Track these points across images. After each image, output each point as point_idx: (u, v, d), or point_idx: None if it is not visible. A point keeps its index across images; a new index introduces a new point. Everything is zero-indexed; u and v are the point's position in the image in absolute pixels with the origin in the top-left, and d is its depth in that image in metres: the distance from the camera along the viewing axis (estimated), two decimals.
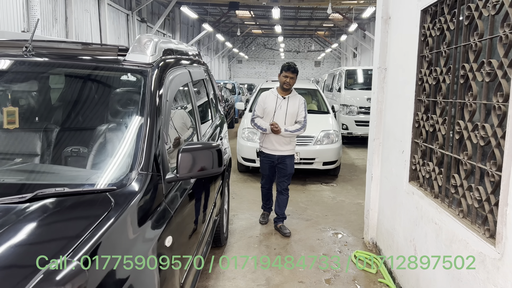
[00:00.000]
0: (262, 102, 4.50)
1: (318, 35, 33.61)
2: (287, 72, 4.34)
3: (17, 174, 1.80)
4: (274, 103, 4.43)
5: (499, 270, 1.85)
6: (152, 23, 16.48)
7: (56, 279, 0.98)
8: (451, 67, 2.55)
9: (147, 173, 1.80)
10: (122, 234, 1.46)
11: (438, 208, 2.59)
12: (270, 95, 4.50)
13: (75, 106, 2.20)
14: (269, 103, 4.45)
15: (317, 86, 9.46)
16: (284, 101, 4.44)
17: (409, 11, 3.33)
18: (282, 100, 4.44)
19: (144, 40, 2.45)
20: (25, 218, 1.36)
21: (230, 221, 4.95)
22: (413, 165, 3.20)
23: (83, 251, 1.22)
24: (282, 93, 4.46)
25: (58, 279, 0.98)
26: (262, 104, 4.49)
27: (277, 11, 15.73)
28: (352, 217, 5.28)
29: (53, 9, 8.82)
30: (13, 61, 2.21)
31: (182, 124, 2.70)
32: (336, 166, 7.22)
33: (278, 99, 4.45)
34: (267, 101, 4.46)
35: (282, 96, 4.45)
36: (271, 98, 4.47)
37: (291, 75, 4.35)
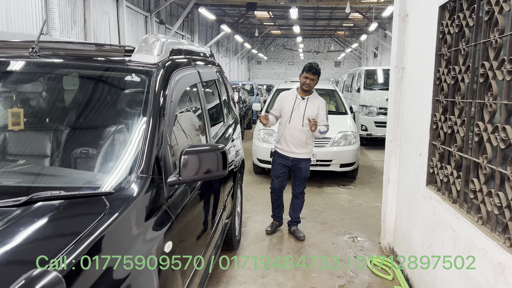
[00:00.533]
0: (280, 101, 4.35)
1: (338, 35, 33.29)
2: (308, 73, 4.18)
3: (15, 176, 1.78)
4: (292, 103, 4.26)
5: None
6: (170, 24, 16.59)
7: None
8: (470, 65, 2.42)
9: (147, 176, 1.74)
10: (115, 239, 1.40)
11: (456, 214, 2.47)
12: (289, 95, 4.34)
13: (78, 107, 2.17)
14: (287, 102, 4.29)
15: (335, 86, 9.31)
16: (303, 102, 4.26)
17: (427, 7, 3.20)
18: (301, 100, 4.26)
19: (151, 40, 2.40)
20: (16, 222, 1.33)
21: (243, 224, 4.89)
22: (431, 168, 3.06)
23: (69, 259, 1.17)
24: (302, 93, 4.29)
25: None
26: (280, 103, 4.33)
27: (295, 11, 15.59)
28: (369, 221, 5.14)
29: (72, 11, 8.95)
30: (19, 62, 2.20)
31: (189, 126, 2.64)
32: (354, 168, 7.07)
33: (297, 99, 4.27)
34: (285, 101, 4.31)
35: (301, 97, 4.28)
36: (289, 98, 4.30)
37: (311, 77, 4.17)
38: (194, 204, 2.24)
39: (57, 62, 2.24)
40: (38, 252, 1.19)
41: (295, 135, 4.22)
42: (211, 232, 2.67)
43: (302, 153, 4.29)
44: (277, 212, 4.62)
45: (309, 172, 4.42)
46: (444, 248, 2.63)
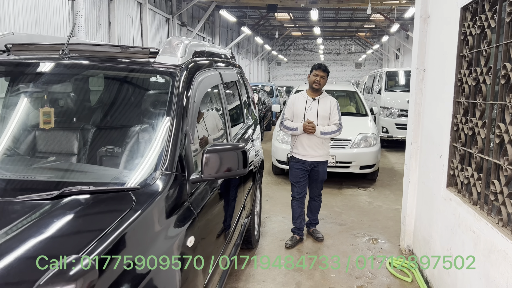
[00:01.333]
0: (291, 104, 4.27)
1: (359, 36, 33.01)
2: (318, 70, 4.10)
3: (47, 172, 1.88)
4: (304, 105, 4.18)
5: None
6: (192, 27, 16.79)
7: (69, 274, 1.01)
8: (491, 67, 2.41)
9: (171, 173, 1.81)
10: (141, 232, 1.48)
11: (477, 216, 2.45)
12: (299, 98, 4.26)
13: (105, 107, 2.26)
14: (298, 105, 4.21)
15: (355, 88, 9.27)
16: (314, 103, 4.17)
17: (449, 9, 3.19)
18: (312, 101, 4.18)
19: (175, 42, 2.48)
20: (49, 215, 1.41)
21: (262, 224, 4.93)
22: (451, 170, 3.05)
23: (99, 249, 1.25)
24: (312, 94, 4.21)
25: (70, 274, 1.01)
26: (291, 107, 4.25)
27: (316, 12, 15.57)
28: (389, 223, 5.11)
29: (97, 14, 9.19)
30: (50, 63, 2.30)
31: (211, 125, 2.71)
32: (374, 170, 7.03)
33: (308, 100, 4.19)
34: (296, 104, 4.23)
35: (312, 98, 4.19)
36: (300, 101, 4.22)
37: (321, 74, 4.10)
38: (215, 202, 2.30)
39: (86, 64, 2.34)
40: (71, 242, 1.27)
41: (311, 137, 4.12)
42: (231, 230, 2.73)
43: (320, 155, 4.19)
44: (298, 223, 4.36)
45: (326, 175, 4.36)
46: (464, 250, 2.62)
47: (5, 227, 1.31)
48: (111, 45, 2.68)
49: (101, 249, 1.25)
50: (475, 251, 2.44)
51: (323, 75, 4.11)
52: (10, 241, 1.24)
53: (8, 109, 2.43)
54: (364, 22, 25.62)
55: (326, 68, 4.15)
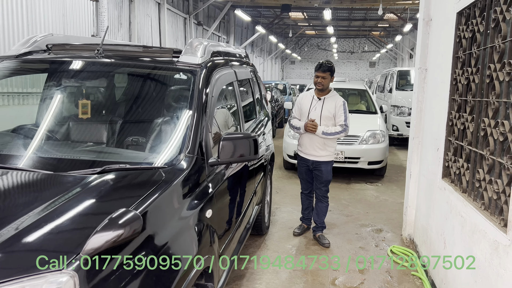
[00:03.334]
0: (298, 103, 4.30)
1: (373, 36, 33.01)
2: (317, 71, 4.09)
3: (89, 153, 2.23)
4: (309, 104, 4.19)
5: (508, 255, 1.99)
6: (208, 26, 17.16)
7: (119, 223, 1.33)
8: (479, 67, 2.68)
9: (193, 156, 2.14)
10: (170, 200, 1.81)
11: (464, 202, 2.72)
12: (306, 96, 4.29)
13: (136, 100, 2.60)
14: (304, 104, 4.24)
15: (366, 86, 9.51)
16: (319, 103, 4.16)
17: (447, 13, 3.44)
18: (318, 101, 4.17)
19: (195, 43, 2.81)
20: (96, 185, 1.75)
21: (272, 213, 5.25)
22: (446, 162, 3.31)
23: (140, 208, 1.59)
24: (318, 94, 4.19)
25: (120, 223, 1.33)
26: (298, 105, 4.29)
27: (329, 12, 15.78)
28: (393, 215, 5.38)
29: (119, 14, 9.61)
30: (87, 61, 2.65)
31: (226, 117, 3.04)
32: (382, 166, 7.28)
33: (313, 100, 4.19)
34: (303, 102, 4.26)
35: (317, 97, 4.18)
36: (307, 99, 4.25)
37: (322, 74, 4.06)
38: (229, 185, 2.62)
39: (118, 62, 2.69)
40: (117, 203, 1.62)
41: (313, 137, 4.12)
42: (243, 211, 3.05)
43: (321, 156, 4.17)
44: (306, 214, 4.57)
45: (331, 176, 4.31)
46: (454, 234, 2.89)
47: (63, 194, 1.65)
48: (138, 45, 3.02)
49: (142, 208, 1.59)
50: (462, 233, 2.71)
51: (323, 75, 4.06)
52: (71, 202, 1.59)
53: (49, 101, 2.79)
54: (378, 22, 25.68)
55: (327, 67, 4.07)
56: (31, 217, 1.43)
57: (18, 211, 1.48)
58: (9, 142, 2.33)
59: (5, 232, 1.34)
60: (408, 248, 4.25)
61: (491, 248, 2.21)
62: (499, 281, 2.09)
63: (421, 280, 3.59)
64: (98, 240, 1.27)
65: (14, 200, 1.62)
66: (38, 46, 2.89)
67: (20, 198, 1.65)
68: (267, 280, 3.52)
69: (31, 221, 1.41)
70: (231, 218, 2.67)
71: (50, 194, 1.65)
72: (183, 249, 1.78)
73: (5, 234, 1.33)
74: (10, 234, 1.34)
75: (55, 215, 1.47)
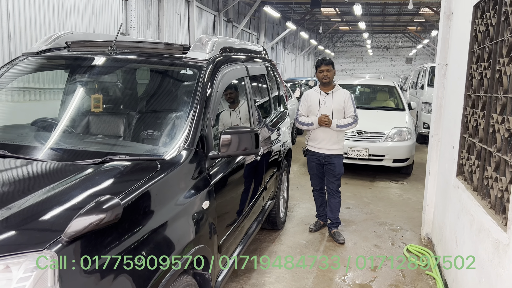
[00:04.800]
0: (305, 100, 4.31)
1: (409, 31, 32.12)
2: (321, 66, 4.17)
3: (95, 145, 2.34)
4: (318, 99, 4.22)
5: (506, 254, 1.94)
6: (238, 23, 17.27)
7: (102, 207, 1.42)
8: (491, 62, 2.59)
9: (192, 148, 2.20)
10: (163, 189, 1.89)
11: (474, 200, 2.65)
12: (312, 93, 4.31)
13: (143, 95, 2.70)
14: (312, 101, 4.25)
15: (394, 82, 9.31)
16: (328, 97, 4.20)
17: (464, 6, 3.35)
18: (326, 96, 4.21)
19: (205, 39, 2.88)
20: (96, 173, 1.86)
21: (290, 209, 5.27)
22: (460, 160, 3.23)
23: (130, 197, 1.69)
24: (325, 89, 4.24)
25: (103, 207, 1.42)
26: (305, 103, 4.29)
27: (359, 7, 15.53)
28: (414, 214, 5.27)
29: (148, 12, 9.86)
30: (100, 58, 2.77)
31: (232, 112, 3.09)
32: (408, 164, 7.13)
33: (321, 95, 4.22)
34: (310, 99, 4.27)
35: (325, 92, 4.22)
36: (314, 96, 4.27)
37: (326, 68, 4.15)
38: (231, 178, 2.67)
39: (128, 58, 2.80)
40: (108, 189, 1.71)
41: (326, 131, 4.17)
42: (248, 205, 3.09)
43: (334, 149, 4.23)
44: (321, 211, 4.62)
45: (343, 169, 4.34)
46: (464, 233, 2.82)
47: (66, 178, 1.79)
48: (151, 42, 3.12)
49: (131, 197, 1.69)
50: (470, 232, 2.64)
51: (328, 68, 4.16)
52: (66, 188, 1.71)
53: (67, 96, 2.95)
54: (413, 16, 24.96)
55: (329, 61, 4.21)
56: (25, 202, 1.55)
57: (15, 197, 1.61)
58: (23, 134, 2.49)
59: None
60: (425, 247, 4.16)
61: (493, 247, 2.15)
62: (499, 281, 2.04)
63: (434, 280, 3.52)
64: (80, 223, 1.36)
65: (14, 186, 1.76)
66: (58, 43, 3.04)
67: (21, 184, 1.78)
68: (277, 274, 3.56)
69: (24, 205, 1.53)
70: (233, 211, 2.72)
71: (49, 181, 1.78)
72: (175, 234, 1.86)
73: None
74: (2, 216, 1.45)
75: (47, 200, 1.59)
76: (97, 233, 1.47)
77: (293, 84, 14.43)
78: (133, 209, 1.67)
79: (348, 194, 6.01)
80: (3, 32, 5.89)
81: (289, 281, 3.45)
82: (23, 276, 1.27)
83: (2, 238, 1.37)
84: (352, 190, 6.30)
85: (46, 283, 1.28)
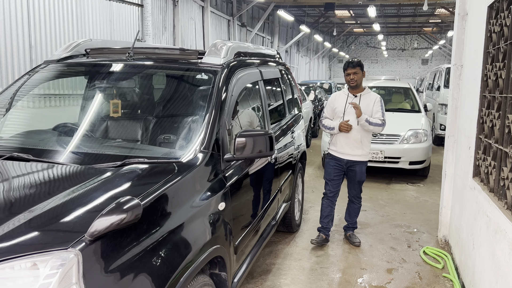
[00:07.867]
0: (331, 102, 4.15)
1: (425, 32, 31.79)
2: (348, 69, 4.01)
3: (114, 149, 2.42)
4: (344, 102, 4.03)
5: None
6: (251, 27, 17.36)
7: (123, 208, 1.48)
8: (506, 62, 2.58)
9: (208, 151, 2.26)
10: (180, 191, 1.94)
11: (490, 201, 2.64)
12: (340, 95, 4.15)
13: (159, 100, 2.77)
14: (338, 103, 4.08)
15: (410, 84, 9.25)
16: (356, 100, 4.01)
17: (479, 7, 3.34)
18: (354, 98, 4.03)
19: (219, 44, 2.94)
20: (115, 176, 1.93)
21: (305, 212, 5.28)
22: (477, 161, 3.21)
23: (148, 198, 1.74)
24: (353, 92, 4.06)
25: (124, 208, 1.48)
26: (331, 105, 4.13)
27: (373, 9, 15.46)
28: (431, 216, 5.23)
29: (163, 19, 10.02)
30: (118, 64, 2.85)
31: (249, 115, 3.13)
32: (425, 166, 7.07)
33: (349, 97, 4.04)
34: (337, 101, 4.10)
35: (353, 95, 4.04)
36: (341, 98, 4.09)
37: (353, 70, 3.97)
38: (246, 180, 2.71)
39: (144, 64, 2.88)
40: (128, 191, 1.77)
41: (350, 134, 3.98)
42: (263, 207, 3.12)
43: (357, 155, 4.04)
44: (325, 223, 4.27)
45: (365, 176, 4.19)
46: (481, 234, 2.81)
47: (87, 181, 1.86)
48: (167, 48, 3.20)
49: (149, 198, 1.74)
50: (487, 234, 2.63)
51: (355, 71, 3.98)
52: (88, 190, 1.78)
53: (87, 101, 3.04)
54: (429, 17, 24.70)
55: (356, 63, 4.02)
56: (49, 203, 1.62)
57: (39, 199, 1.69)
58: (46, 139, 2.59)
59: (22, 217, 1.53)
60: (442, 249, 4.13)
61: (510, 248, 2.14)
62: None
63: (452, 283, 3.49)
64: (102, 223, 1.42)
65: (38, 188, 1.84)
66: (77, 50, 3.14)
67: (45, 187, 1.86)
68: (293, 276, 3.58)
69: (49, 207, 1.60)
70: (248, 213, 2.76)
71: (71, 183, 1.86)
72: (191, 235, 1.91)
73: (23, 218, 1.52)
74: (28, 217, 1.53)
75: (71, 202, 1.66)
76: (118, 233, 1.53)
77: (307, 87, 14.42)
78: (151, 210, 1.73)
79: (364, 196, 5.92)
80: (24, 41, 6.07)
81: (305, 282, 3.47)
82: (50, 273, 1.33)
83: (29, 237, 1.44)
84: (368, 192, 6.27)
85: (71, 280, 1.34)
